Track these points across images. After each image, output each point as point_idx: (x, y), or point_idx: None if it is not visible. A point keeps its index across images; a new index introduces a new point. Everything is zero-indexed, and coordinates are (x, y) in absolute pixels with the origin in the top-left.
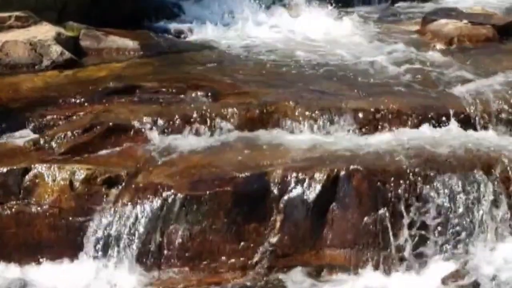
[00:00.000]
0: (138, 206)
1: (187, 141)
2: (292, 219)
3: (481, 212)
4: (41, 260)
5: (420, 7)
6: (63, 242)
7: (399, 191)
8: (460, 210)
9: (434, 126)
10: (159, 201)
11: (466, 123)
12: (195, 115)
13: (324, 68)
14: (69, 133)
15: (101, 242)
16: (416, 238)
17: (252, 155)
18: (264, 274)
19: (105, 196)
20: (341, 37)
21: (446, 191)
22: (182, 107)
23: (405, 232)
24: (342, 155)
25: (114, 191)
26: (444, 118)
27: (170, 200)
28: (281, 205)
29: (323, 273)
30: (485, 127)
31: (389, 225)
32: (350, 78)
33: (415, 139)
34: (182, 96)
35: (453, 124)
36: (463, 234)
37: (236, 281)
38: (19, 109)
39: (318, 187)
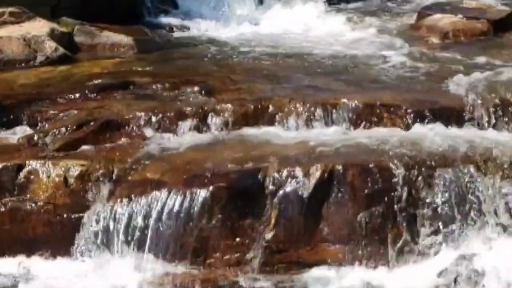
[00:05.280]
0: (133, 202)
1: (181, 137)
2: (287, 214)
3: (477, 206)
4: (36, 256)
5: (415, 2)
6: (58, 238)
7: (394, 186)
8: (457, 205)
9: (429, 121)
10: (154, 197)
11: (461, 118)
12: (189, 111)
13: (319, 63)
14: (63, 129)
15: (95, 238)
16: (412, 233)
17: (247, 150)
18: (259, 270)
19: (99, 192)
20: (336, 32)
21: (441, 186)
22: (177, 103)
23: (400, 227)
24: (337, 150)
25: (108, 187)
26: (439, 113)
27: (164, 196)
28: (276, 201)
29: (318, 269)
30: (480, 122)
31: (384, 220)
32: (345, 74)
33: (410, 134)
34: (177, 91)
35: (448, 119)
36: (460, 229)
37: (231, 277)
38: (13, 105)
39: (313, 183)
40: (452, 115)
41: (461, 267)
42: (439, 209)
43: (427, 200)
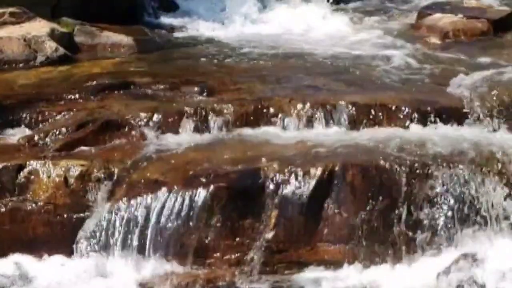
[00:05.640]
0: (133, 202)
1: (182, 137)
2: (287, 214)
3: (476, 206)
4: (36, 256)
5: (413, 1)
6: (58, 238)
7: (394, 186)
8: (455, 205)
9: (430, 121)
10: (154, 197)
11: (461, 118)
12: (190, 111)
13: (319, 63)
14: (63, 129)
15: (95, 238)
16: (411, 233)
17: (247, 150)
18: (259, 270)
19: (99, 192)
20: (337, 32)
21: (440, 185)
22: (177, 103)
23: (399, 227)
24: (337, 150)
25: (108, 187)
26: (439, 113)
27: (164, 196)
28: (276, 201)
29: (318, 269)
30: (480, 122)
31: (384, 220)
32: (346, 74)
33: (410, 134)
34: (177, 92)
35: (448, 119)
36: (458, 229)
37: (230, 277)
38: (13, 106)
39: (313, 183)
40: (453, 115)
41: (461, 267)
42: (439, 208)
43: (427, 200)
